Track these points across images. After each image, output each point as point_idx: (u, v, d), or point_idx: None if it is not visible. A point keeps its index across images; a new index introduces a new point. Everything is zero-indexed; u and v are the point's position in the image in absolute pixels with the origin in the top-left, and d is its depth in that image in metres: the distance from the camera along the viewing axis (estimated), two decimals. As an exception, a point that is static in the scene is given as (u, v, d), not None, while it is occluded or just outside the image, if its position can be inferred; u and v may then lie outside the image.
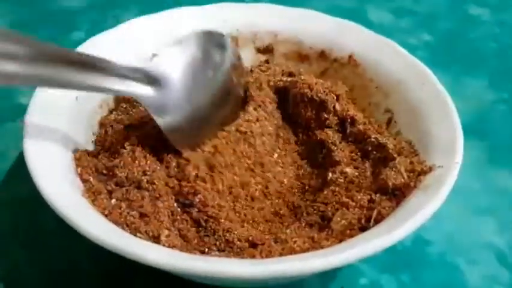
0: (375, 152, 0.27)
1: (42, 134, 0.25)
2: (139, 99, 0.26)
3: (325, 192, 0.26)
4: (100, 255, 0.26)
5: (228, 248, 0.23)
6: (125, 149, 0.26)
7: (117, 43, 0.31)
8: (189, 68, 0.27)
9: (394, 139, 0.28)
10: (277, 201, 0.27)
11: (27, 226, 0.28)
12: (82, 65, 0.24)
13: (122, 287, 0.26)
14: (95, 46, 0.30)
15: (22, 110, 0.26)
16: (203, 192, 0.25)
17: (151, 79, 0.26)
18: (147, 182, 0.25)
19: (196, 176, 0.25)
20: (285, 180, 0.28)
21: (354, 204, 0.25)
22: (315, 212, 0.26)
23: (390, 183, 0.25)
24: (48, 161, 0.24)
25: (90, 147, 0.27)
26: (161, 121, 0.26)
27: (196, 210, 0.25)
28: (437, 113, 0.27)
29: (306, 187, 0.28)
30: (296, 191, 0.28)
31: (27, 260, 0.27)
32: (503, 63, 0.42)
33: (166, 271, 0.22)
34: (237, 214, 0.26)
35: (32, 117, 0.25)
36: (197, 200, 0.25)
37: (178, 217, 0.24)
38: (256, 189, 0.27)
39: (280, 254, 0.23)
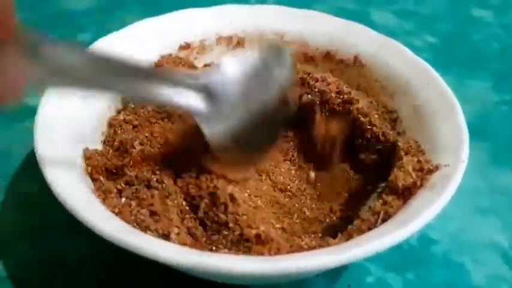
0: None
1: (52, 134, 0.25)
2: (190, 109, 0.25)
3: None
4: (104, 252, 0.26)
5: (236, 247, 0.24)
6: (134, 148, 0.26)
7: (124, 45, 0.31)
8: (246, 80, 0.26)
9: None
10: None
11: (33, 225, 0.29)
12: (139, 73, 0.23)
13: (125, 284, 0.26)
14: (102, 48, 0.30)
15: (29, 111, 0.26)
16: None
17: (206, 90, 0.25)
18: (157, 180, 0.25)
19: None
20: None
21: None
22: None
23: (400, 184, 0.25)
24: (59, 161, 0.24)
25: (100, 147, 0.28)
26: (208, 131, 0.25)
27: (202, 212, 0.25)
28: (443, 112, 0.27)
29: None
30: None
31: (32, 258, 0.27)
32: (506, 64, 0.43)
33: (175, 268, 0.22)
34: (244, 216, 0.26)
35: (42, 118, 0.26)
36: (203, 205, 0.25)
37: (186, 215, 0.25)
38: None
39: (288, 252, 0.23)
